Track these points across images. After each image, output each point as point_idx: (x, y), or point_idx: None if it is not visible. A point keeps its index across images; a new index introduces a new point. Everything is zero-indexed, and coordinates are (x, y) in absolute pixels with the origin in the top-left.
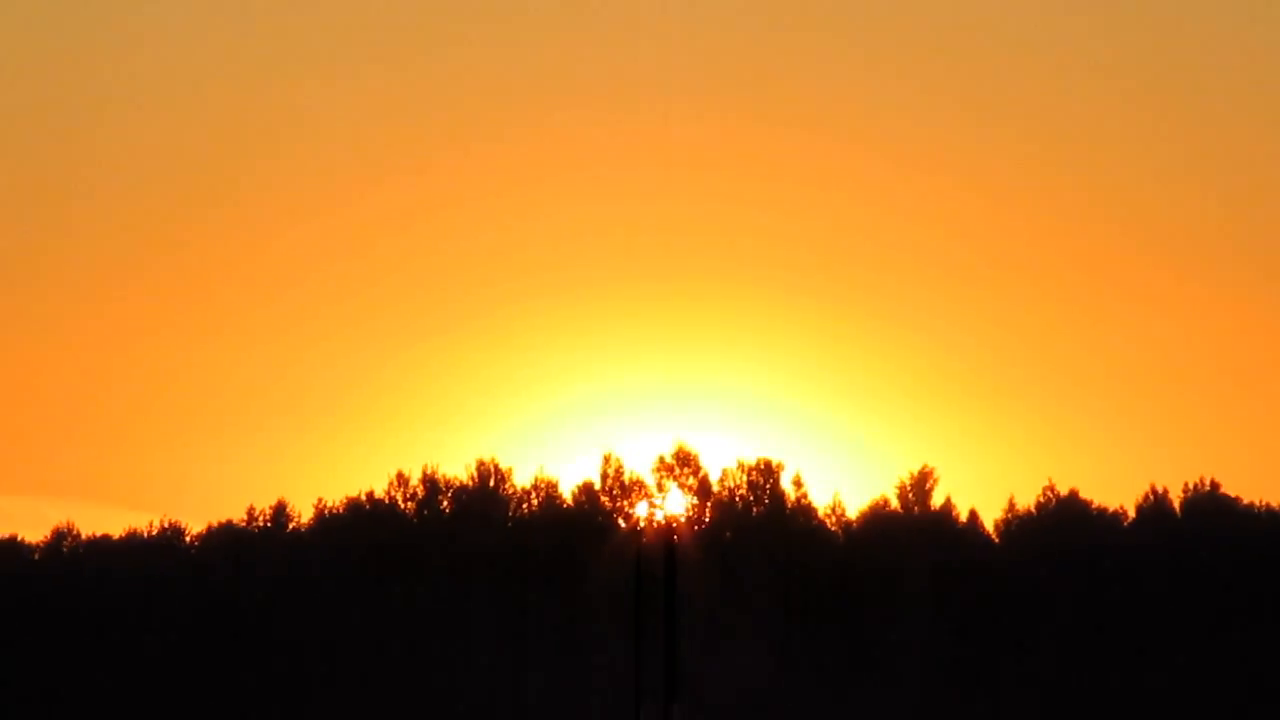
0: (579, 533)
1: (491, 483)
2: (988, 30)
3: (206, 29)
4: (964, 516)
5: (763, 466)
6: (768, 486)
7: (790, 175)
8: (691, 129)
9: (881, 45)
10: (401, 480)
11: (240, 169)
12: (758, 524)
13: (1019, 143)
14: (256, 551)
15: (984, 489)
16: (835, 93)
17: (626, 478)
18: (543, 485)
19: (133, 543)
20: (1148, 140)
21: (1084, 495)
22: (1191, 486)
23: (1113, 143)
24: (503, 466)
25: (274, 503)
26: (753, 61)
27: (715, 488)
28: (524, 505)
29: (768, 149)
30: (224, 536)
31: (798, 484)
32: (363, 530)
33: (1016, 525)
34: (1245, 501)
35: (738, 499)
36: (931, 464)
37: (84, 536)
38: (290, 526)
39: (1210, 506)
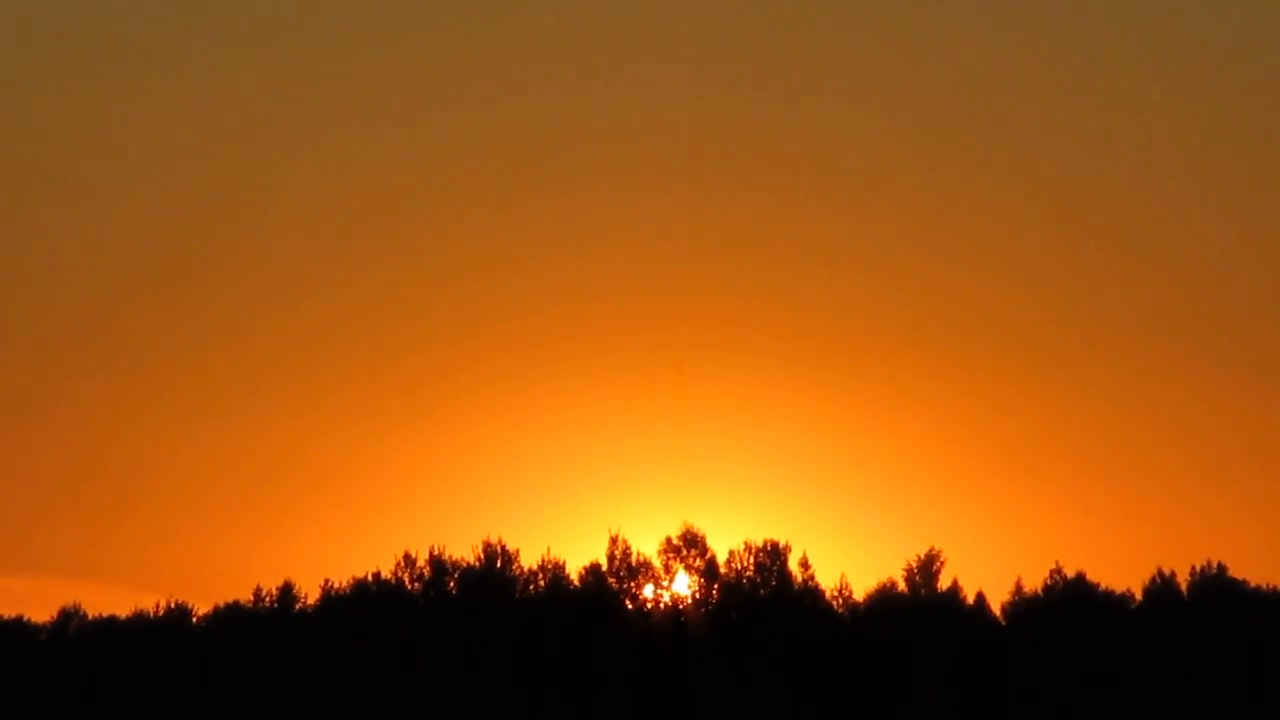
0: (587, 614)
1: (498, 564)
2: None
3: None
4: (971, 598)
5: (770, 548)
6: (775, 568)
7: (798, 254)
8: (697, 203)
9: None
10: (408, 561)
11: (240, 247)
12: (765, 605)
13: (1022, 224)
14: (263, 632)
15: (991, 571)
16: (851, 168)
17: (634, 559)
18: (550, 566)
19: (139, 623)
20: (1153, 216)
21: (1091, 577)
22: (1199, 569)
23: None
24: (509, 547)
25: (280, 583)
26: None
27: (722, 569)
28: (531, 586)
29: (771, 224)
30: (230, 617)
31: (805, 565)
32: (369, 611)
33: (1024, 607)
34: (1253, 584)
35: (745, 580)
36: (939, 546)
37: (90, 617)
38: (297, 607)
39: (1218, 589)
